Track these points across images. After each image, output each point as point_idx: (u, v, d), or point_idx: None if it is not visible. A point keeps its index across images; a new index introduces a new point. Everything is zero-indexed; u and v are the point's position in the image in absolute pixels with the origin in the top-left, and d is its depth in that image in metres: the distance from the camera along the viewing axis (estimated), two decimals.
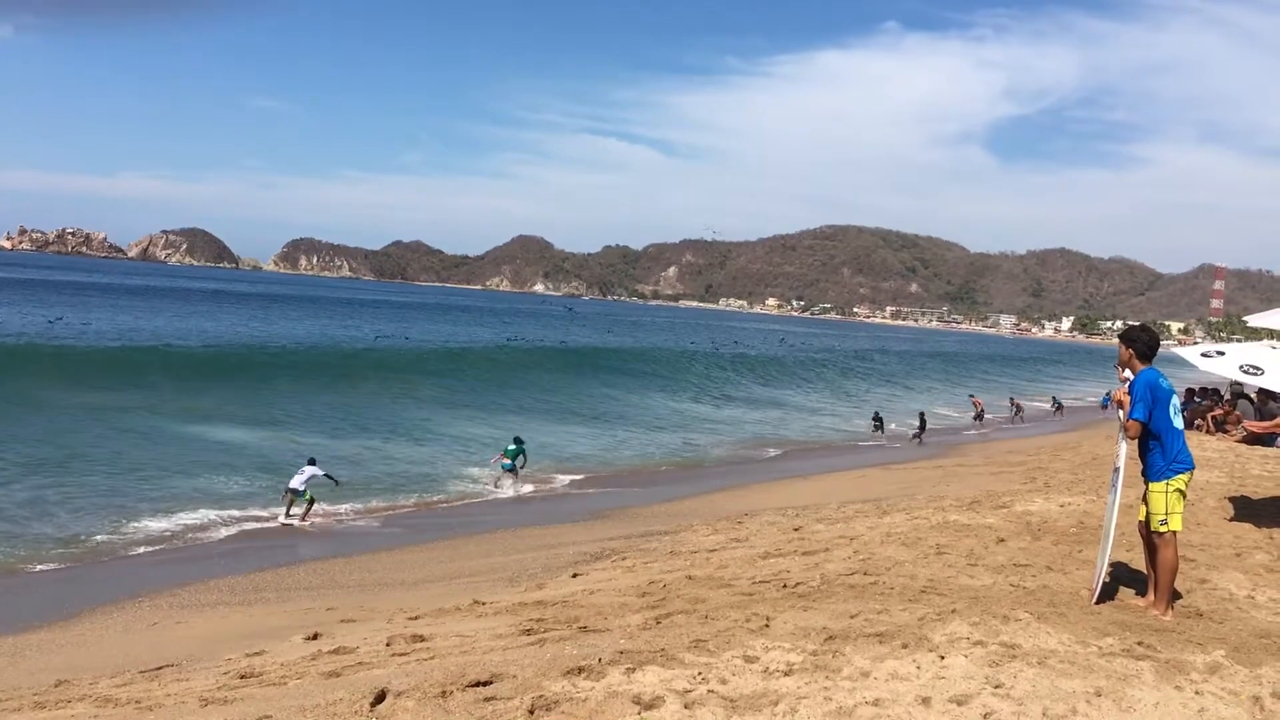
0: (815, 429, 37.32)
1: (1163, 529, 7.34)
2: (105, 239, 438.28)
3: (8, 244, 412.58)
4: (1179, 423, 7.44)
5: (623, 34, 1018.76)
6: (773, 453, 30.34)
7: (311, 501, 17.59)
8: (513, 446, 22.58)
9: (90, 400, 28.73)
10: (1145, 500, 7.52)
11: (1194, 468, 7.53)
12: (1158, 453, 7.35)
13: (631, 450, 29.34)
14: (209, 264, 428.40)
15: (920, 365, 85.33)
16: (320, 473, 18.00)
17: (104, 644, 9.74)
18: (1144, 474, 7.50)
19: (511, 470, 22.11)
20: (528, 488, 21.70)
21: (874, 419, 36.09)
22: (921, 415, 36.38)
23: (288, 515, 17.34)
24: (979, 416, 38.98)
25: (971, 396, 39.70)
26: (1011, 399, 41.61)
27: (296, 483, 17.58)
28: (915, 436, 34.01)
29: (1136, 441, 7.42)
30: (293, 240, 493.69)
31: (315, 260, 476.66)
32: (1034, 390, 64.77)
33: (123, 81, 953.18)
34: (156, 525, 16.28)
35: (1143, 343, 7.51)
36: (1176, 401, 7.49)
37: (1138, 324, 8.43)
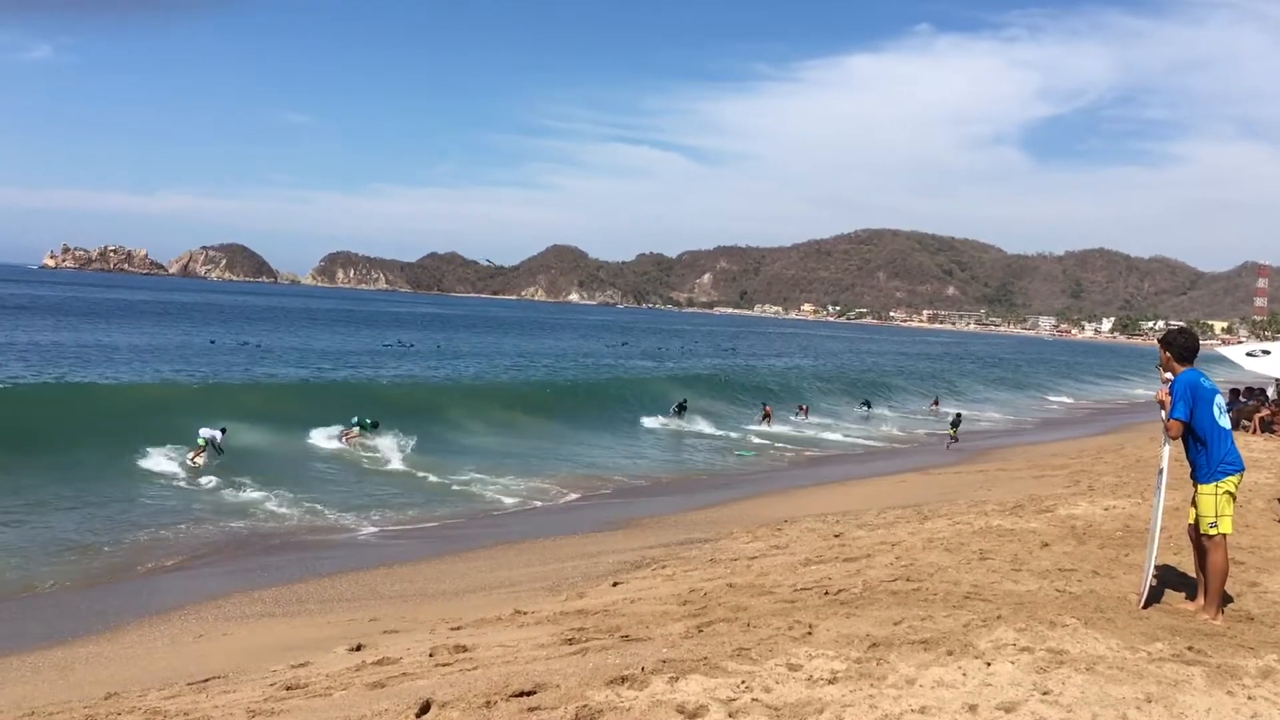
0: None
1: (1212, 532, 7.26)
2: (146, 255, 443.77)
3: (52, 262, 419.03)
4: (1225, 423, 7.37)
5: (650, 41, 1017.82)
6: (807, 456, 30.22)
7: (202, 448, 22.38)
8: (366, 421, 27.34)
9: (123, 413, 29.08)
10: (1194, 503, 7.44)
11: (1244, 469, 7.44)
12: (1204, 454, 7.29)
13: (661, 459, 29.36)
14: (248, 279, 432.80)
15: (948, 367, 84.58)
16: (218, 437, 22.95)
17: (152, 656, 9.85)
18: (1192, 476, 7.43)
19: (357, 428, 26.98)
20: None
21: (952, 424, 35.64)
22: (958, 415, 36.78)
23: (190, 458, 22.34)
24: (766, 417, 38.84)
25: (764, 405, 40.28)
26: (800, 406, 41.81)
27: (204, 433, 22.89)
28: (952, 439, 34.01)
29: (1183, 443, 7.36)
30: (330, 254, 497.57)
31: (352, 273, 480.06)
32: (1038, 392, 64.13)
33: (159, 100, 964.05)
34: (198, 536, 16.46)
35: (1179, 345, 7.49)
36: (1221, 401, 7.41)
37: (1176, 326, 8.40)
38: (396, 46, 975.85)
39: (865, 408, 45.91)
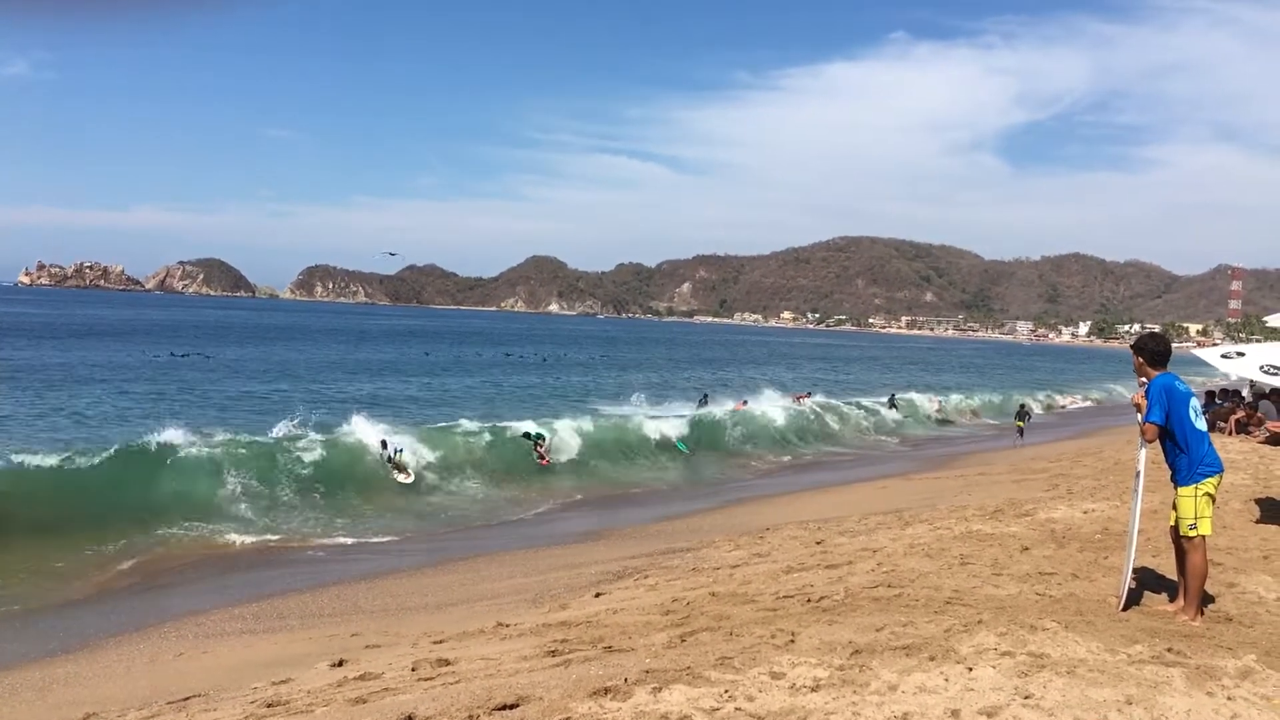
0: None
1: (1192, 533, 7.33)
2: (123, 272, 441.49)
3: (27, 279, 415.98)
4: (1201, 425, 7.45)
5: (631, 52, 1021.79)
6: (788, 461, 30.25)
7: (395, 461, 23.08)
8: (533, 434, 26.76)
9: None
10: (1174, 505, 7.51)
11: (1222, 470, 7.53)
12: (1183, 457, 7.37)
13: (644, 466, 29.32)
14: (226, 293, 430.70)
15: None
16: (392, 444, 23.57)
17: (131, 675, 9.76)
18: (1172, 479, 7.50)
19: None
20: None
21: (1018, 415, 35.29)
22: (1022, 407, 36.83)
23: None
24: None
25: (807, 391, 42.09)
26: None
27: (390, 448, 23.34)
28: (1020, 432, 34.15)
29: (1162, 446, 7.45)
30: (308, 267, 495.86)
31: (331, 287, 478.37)
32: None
33: (136, 115, 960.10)
34: (177, 552, 16.32)
35: (1151, 349, 7.60)
36: (1196, 404, 7.51)
37: (1147, 331, 8.51)
38: (377, 59, 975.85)
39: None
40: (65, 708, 8.32)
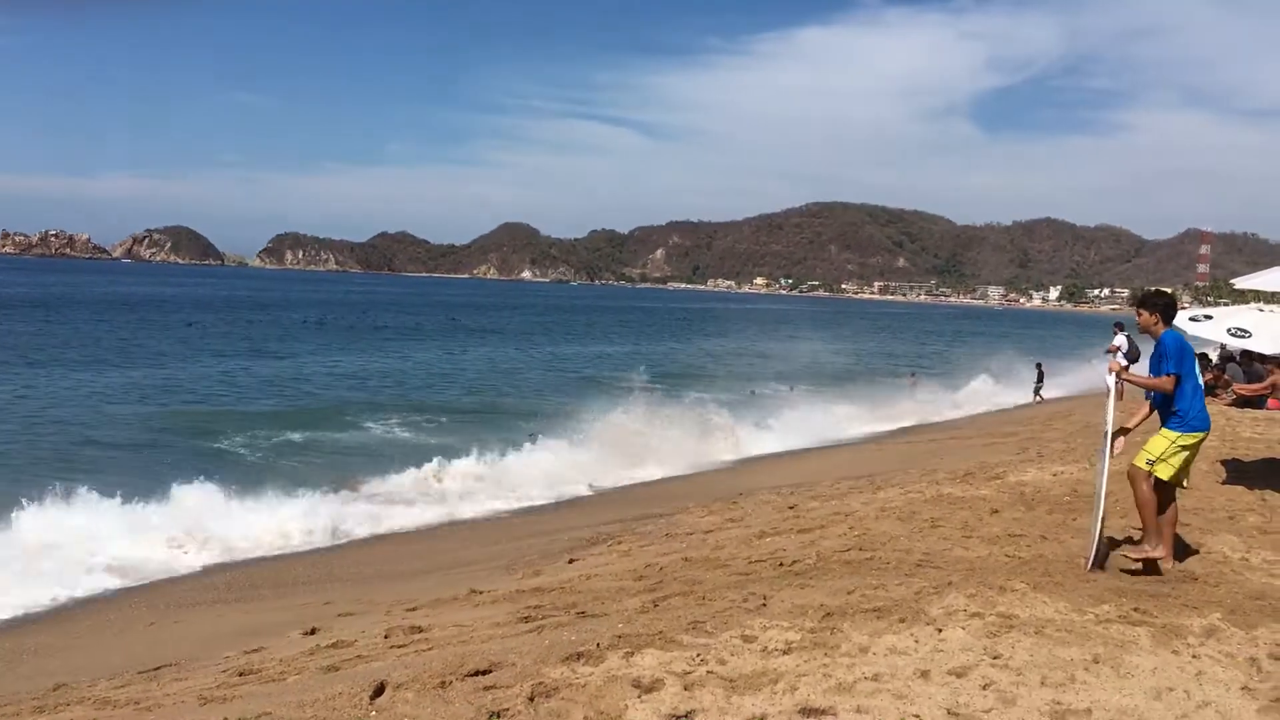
0: None
1: (1148, 467, 7.56)
2: (89, 240, 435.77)
3: None
4: (1200, 382, 7.73)
5: (601, 16, 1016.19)
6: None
7: None
8: None
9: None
10: (1148, 440, 7.72)
11: (1209, 430, 7.76)
12: (1180, 410, 7.61)
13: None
14: (194, 261, 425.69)
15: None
16: None
17: (101, 646, 9.72)
18: (1162, 422, 7.74)
19: None
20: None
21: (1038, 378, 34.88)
22: (1039, 366, 36.27)
23: None
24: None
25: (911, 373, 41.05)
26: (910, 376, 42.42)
27: None
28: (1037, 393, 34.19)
29: (1161, 396, 7.72)
30: (277, 235, 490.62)
31: (301, 255, 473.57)
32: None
33: (100, 80, 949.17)
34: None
35: (1165, 304, 7.84)
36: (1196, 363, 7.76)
37: (1152, 289, 8.73)
38: (344, 24, 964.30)
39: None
40: (36, 678, 8.26)
